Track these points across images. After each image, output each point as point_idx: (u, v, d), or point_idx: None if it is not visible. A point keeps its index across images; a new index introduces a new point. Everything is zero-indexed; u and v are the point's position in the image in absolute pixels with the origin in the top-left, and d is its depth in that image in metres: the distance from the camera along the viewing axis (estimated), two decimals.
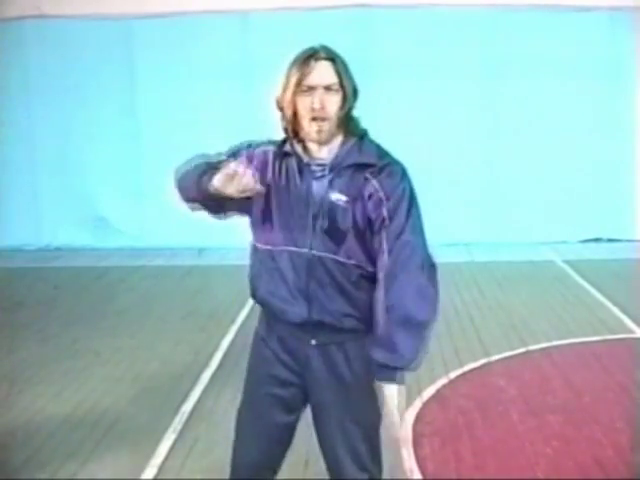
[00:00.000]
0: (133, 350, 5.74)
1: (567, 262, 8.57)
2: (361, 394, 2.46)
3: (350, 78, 2.38)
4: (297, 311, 2.42)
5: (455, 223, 9.48)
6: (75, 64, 9.62)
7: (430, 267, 2.38)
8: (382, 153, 2.40)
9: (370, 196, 2.32)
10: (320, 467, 3.58)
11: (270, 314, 2.53)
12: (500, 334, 5.95)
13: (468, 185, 9.60)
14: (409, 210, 2.33)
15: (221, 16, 9.49)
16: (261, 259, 2.48)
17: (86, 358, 5.54)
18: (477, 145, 9.64)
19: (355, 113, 2.42)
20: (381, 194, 2.32)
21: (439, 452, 3.94)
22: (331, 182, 2.36)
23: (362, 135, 2.41)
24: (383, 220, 2.31)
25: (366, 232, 2.35)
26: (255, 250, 2.52)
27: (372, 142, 2.43)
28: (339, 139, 2.40)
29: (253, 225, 2.51)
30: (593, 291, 7.25)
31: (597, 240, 9.83)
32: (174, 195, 2.60)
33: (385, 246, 2.32)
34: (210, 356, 5.51)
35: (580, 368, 5.23)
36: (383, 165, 2.35)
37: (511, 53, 9.56)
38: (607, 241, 9.81)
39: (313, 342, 2.45)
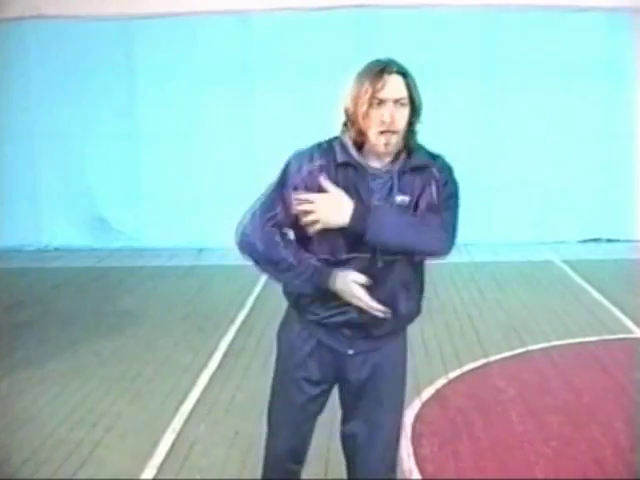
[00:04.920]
0: (132, 350, 5.74)
1: (566, 262, 8.57)
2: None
3: (418, 93, 2.44)
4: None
5: None
6: (75, 64, 9.62)
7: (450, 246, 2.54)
8: (431, 153, 2.56)
9: (436, 182, 2.51)
10: (320, 466, 3.60)
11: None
12: (499, 334, 5.95)
13: (467, 185, 9.52)
14: (456, 201, 2.59)
15: (221, 16, 9.48)
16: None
17: (85, 358, 5.54)
18: (476, 145, 9.64)
19: None
20: (440, 180, 2.52)
21: (438, 452, 3.94)
22: (394, 186, 2.46)
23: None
24: (441, 200, 2.52)
25: None
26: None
27: (420, 145, 2.54)
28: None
29: (313, 241, 2.51)
30: (592, 291, 7.25)
31: (596, 240, 9.84)
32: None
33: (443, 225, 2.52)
34: (209, 356, 5.51)
35: (579, 368, 5.24)
36: (440, 162, 2.55)
37: (511, 53, 9.57)
38: (606, 241, 9.81)
39: (350, 352, 2.62)
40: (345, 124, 2.48)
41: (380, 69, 2.39)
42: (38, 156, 9.84)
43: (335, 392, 2.71)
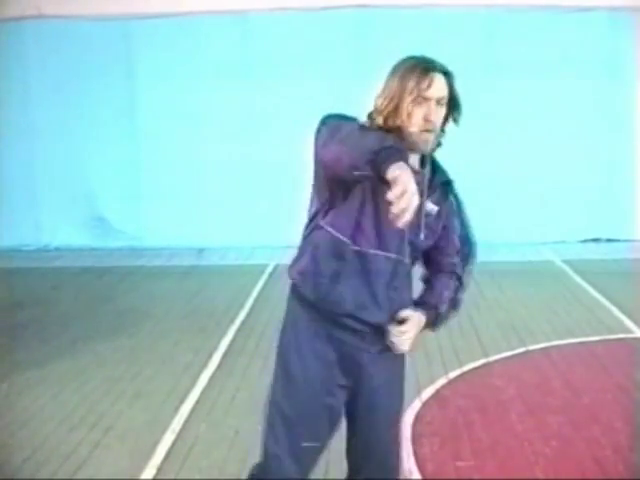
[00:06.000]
0: (132, 350, 5.74)
1: (566, 262, 8.57)
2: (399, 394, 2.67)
3: (457, 94, 2.45)
4: (374, 315, 2.47)
5: None
6: (75, 64, 9.61)
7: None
8: (445, 171, 2.59)
9: (451, 206, 2.61)
10: (319, 467, 3.59)
11: (330, 315, 2.48)
12: (499, 334, 5.95)
13: (467, 185, 9.50)
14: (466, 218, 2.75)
15: (221, 16, 9.49)
16: (345, 258, 2.42)
17: (85, 358, 5.54)
18: (476, 145, 9.61)
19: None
20: (455, 207, 2.65)
21: (438, 452, 3.94)
22: (427, 194, 2.42)
23: None
24: (454, 228, 2.65)
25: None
26: (336, 247, 2.42)
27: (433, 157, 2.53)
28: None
29: (341, 217, 2.41)
30: (592, 291, 7.25)
31: (596, 240, 9.83)
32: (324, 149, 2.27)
33: (456, 247, 2.70)
34: (209, 356, 5.51)
35: (579, 368, 5.24)
36: (452, 182, 2.61)
37: (511, 53, 9.56)
38: (606, 241, 9.81)
39: (373, 349, 2.53)
40: (371, 117, 2.42)
41: (426, 67, 2.40)
42: (38, 156, 9.84)
43: None
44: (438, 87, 2.37)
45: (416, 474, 3.71)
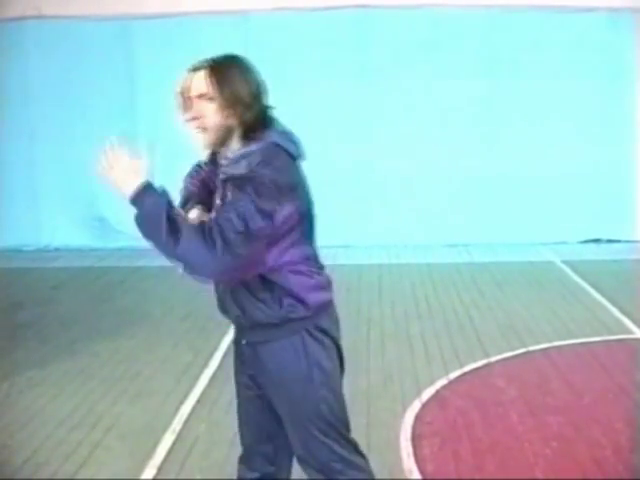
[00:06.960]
0: (132, 350, 5.74)
1: (567, 263, 8.56)
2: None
3: (229, 87, 2.44)
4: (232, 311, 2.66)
5: (455, 224, 9.48)
6: (75, 64, 9.61)
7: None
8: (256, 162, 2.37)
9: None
10: None
11: None
12: (500, 335, 5.95)
13: (467, 185, 9.61)
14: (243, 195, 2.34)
15: (221, 16, 9.49)
16: None
17: (85, 359, 5.54)
18: (477, 145, 9.64)
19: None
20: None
21: (438, 452, 3.94)
22: (224, 184, 2.46)
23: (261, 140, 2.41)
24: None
25: None
26: None
27: (264, 149, 2.39)
28: (238, 144, 2.46)
29: None
30: (593, 292, 7.25)
31: (597, 241, 9.83)
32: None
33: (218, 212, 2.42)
34: (209, 356, 5.51)
35: (580, 369, 5.24)
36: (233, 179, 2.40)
37: (511, 53, 9.57)
38: (607, 242, 9.81)
39: (246, 339, 2.73)
40: None
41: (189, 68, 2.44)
42: (38, 156, 9.84)
43: None
44: (193, 84, 2.46)
45: (416, 474, 3.70)
